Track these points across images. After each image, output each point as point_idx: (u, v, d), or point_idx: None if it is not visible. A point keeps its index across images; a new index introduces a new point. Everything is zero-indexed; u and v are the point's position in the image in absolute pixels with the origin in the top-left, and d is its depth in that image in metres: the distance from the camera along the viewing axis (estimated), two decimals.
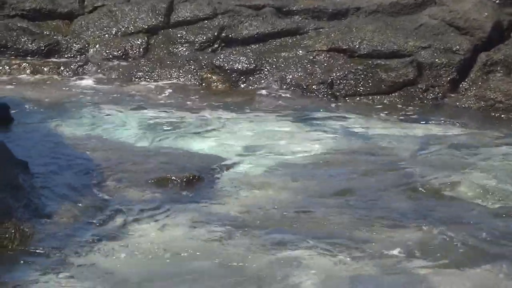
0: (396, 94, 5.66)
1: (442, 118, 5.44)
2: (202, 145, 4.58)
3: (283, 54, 5.99)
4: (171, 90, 5.95)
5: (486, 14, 5.86)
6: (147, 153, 4.23)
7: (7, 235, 2.88)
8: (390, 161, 4.34)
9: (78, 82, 5.98)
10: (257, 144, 4.66)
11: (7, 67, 6.14)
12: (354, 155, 4.42)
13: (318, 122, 5.41)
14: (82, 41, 6.32)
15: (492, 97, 5.53)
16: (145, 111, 5.33)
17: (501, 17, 6.02)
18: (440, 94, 5.62)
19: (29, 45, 6.22)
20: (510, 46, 5.83)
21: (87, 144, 4.35)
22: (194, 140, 4.72)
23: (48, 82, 5.99)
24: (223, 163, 4.11)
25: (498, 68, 5.65)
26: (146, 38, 6.22)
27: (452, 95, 5.62)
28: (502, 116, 5.58)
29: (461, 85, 5.69)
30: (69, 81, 5.99)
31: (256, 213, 3.37)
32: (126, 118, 5.13)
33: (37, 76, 6.06)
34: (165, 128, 4.89)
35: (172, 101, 5.64)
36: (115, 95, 5.74)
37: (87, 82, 5.99)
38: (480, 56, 5.71)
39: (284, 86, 5.76)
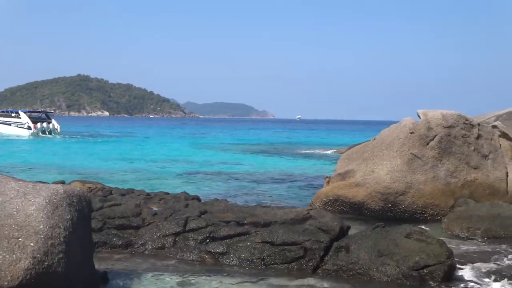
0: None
1: None
2: None
3: (240, 244, 10.19)
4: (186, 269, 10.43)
5: (335, 223, 10.98)
6: None
7: None
8: None
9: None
10: None
11: (106, 254, 10.19)
12: None
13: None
14: (143, 240, 10.67)
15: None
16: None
17: (343, 224, 11.02)
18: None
19: (117, 242, 10.65)
20: (348, 238, 10.46)
21: None
22: None
23: (121, 258, 10.61)
24: None
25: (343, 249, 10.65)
26: (174, 237, 10.46)
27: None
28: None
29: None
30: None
31: None
32: None
33: (119, 256, 10.43)
34: None
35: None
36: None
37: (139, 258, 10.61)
38: (333, 244, 9.96)
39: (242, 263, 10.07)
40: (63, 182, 13.95)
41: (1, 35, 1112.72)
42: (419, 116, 16.02)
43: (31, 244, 6.10)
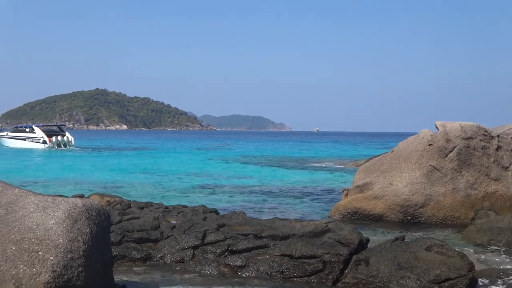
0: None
1: None
2: None
3: (259, 257, 10.21)
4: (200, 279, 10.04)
5: (355, 235, 10.94)
6: None
7: None
8: None
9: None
10: None
11: (125, 268, 10.20)
12: None
13: None
14: (162, 253, 10.60)
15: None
16: None
17: (362, 237, 10.99)
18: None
19: (136, 255, 10.59)
20: (367, 251, 10.51)
21: None
22: None
23: (140, 271, 10.26)
24: None
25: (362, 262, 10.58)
26: (192, 251, 10.40)
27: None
28: None
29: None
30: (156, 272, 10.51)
31: None
32: None
33: (138, 268, 10.16)
34: None
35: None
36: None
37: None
38: (353, 257, 9.92)
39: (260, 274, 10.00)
40: (82, 196, 14.02)
41: (19, 50, 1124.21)
42: (437, 127, 15.93)
43: (51, 257, 6.12)
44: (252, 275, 9.94)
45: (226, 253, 10.43)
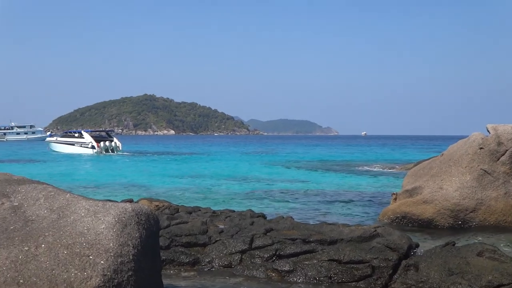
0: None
1: None
2: None
3: (307, 262, 10.21)
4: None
5: (404, 240, 10.80)
6: None
7: None
8: None
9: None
10: None
11: (173, 272, 10.27)
12: None
13: None
14: (209, 258, 10.52)
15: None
16: None
17: (411, 242, 10.72)
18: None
19: (184, 260, 10.63)
20: (417, 256, 10.37)
21: None
22: None
23: (188, 275, 10.11)
24: None
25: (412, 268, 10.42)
26: (240, 255, 10.40)
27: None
28: None
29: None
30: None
31: None
32: None
33: (186, 273, 10.22)
34: None
35: None
36: None
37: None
38: (402, 262, 9.82)
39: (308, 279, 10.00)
40: (131, 201, 14.18)
41: (70, 59, 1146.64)
42: (488, 131, 15.60)
43: (102, 262, 6.19)
44: (300, 280, 9.91)
45: (274, 258, 10.42)
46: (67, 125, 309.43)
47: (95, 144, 69.81)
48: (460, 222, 14.48)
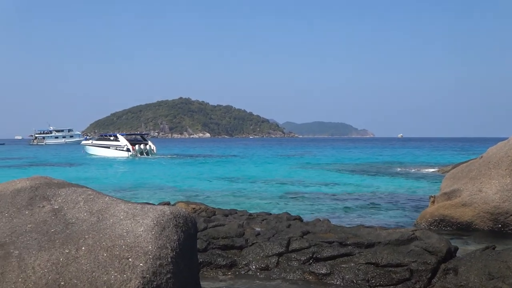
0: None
1: None
2: None
3: (344, 265, 10.17)
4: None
5: (443, 244, 10.64)
6: None
7: None
8: None
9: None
10: None
11: (210, 274, 10.69)
12: None
13: None
14: (246, 260, 10.48)
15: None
16: None
17: (450, 246, 10.69)
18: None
19: (221, 262, 10.59)
20: (456, 259, 10.24)
21: None
22: None
23: (226, 278, 10.10)
24: None
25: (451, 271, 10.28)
26: (277, 258, 10.33)
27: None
28: None
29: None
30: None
31: None
32: None
33: (223, 276, 10.20)
34: None
35: None
36: None
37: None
38: (441, 266, 9.73)
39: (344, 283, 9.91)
40: (168, 203, 14.30)
41: (108, 63, 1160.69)
42: None
43: (141, 264, 6.24)
44: (337, 283, 9.85)
45: (311, 261, 10.39)
46: (104, 129, 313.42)
47: (130, 147, 70.54)
48: (500, 226, 14.25)
